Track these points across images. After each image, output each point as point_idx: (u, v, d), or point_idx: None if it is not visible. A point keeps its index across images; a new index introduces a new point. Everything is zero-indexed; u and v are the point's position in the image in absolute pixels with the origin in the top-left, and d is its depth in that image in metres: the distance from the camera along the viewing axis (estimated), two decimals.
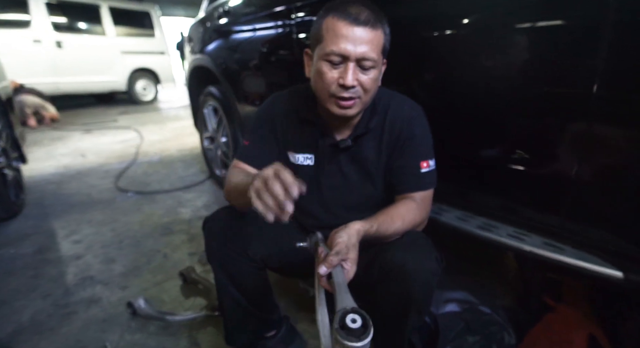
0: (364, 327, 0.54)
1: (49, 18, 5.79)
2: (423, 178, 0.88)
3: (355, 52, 0.75)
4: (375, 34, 0.76)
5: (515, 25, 0.83)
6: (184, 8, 12.30)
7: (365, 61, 0.76)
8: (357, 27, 0.74)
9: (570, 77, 0.76)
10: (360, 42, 0.75)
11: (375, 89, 0.83)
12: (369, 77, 0.79)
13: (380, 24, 0.77)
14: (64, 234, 1.96)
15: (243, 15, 1.96)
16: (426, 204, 0.89)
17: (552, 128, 0.82)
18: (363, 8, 0.76)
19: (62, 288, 1.49)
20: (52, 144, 4.03)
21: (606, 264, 0.76)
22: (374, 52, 0.76)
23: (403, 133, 0.88)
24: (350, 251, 0.69)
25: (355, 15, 0.74)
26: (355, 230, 0.73)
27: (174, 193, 2.50)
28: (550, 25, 0.77)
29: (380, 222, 0.79)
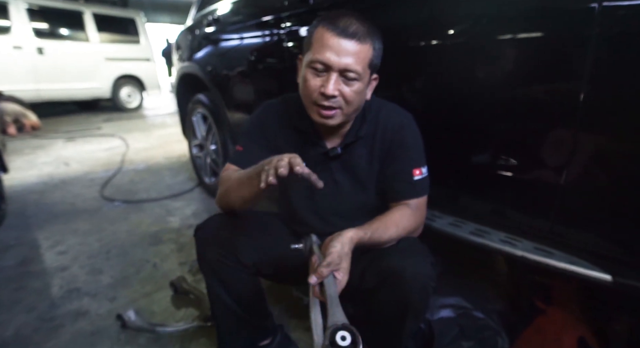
0: (353, 343, 0.54)
1: (30, 24, 5.67)
2: (416, 185, 0.89)
3: (339, 63, 0.77)
4: (362, 48, 0.77)
5: (506, 36, 0.86)
6: (169, 15, 12.25)
7: (348, 73, 0.78)
8: (343, 39, 0.76)
9: (558, 87, 0.79)
10: (345, 53, 0.77)
11: (359, 101, 0.84)
12: (352, 89, 0.80)
13: (369, 39, 0.78)
14: (48, 245, 1.90)
15: (233, 23, 1.97)
16: (421, 211, 0.90)
17: (541, 135, 0.85)
18: (354, 21, 0.77)
19: (48, 301, 1.44)
20: (34, 153, 3.93)
21: (595, 267, 0.78)
22: (358, 65, 0.78)
23: (394, 140, 0.90)
24: (342, 260, 0.71)
25: (343, 28, 0.76)
26: (349, 238, 0.74)
27: (162, 202, 2.46)
28: (540, 37, 0.80)
29: (374, 229, 0.80)
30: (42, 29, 5.86)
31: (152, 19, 10.69)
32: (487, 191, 1.02)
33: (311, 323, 0.65)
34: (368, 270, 0.83)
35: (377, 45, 0.81)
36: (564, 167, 0.80)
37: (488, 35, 0.89)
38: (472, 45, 0.93)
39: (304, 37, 0.85)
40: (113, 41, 6.70)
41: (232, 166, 0.96)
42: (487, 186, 1.01)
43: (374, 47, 0.80)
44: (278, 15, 1.58)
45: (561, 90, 0.79)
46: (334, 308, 0.61)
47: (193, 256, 1.73)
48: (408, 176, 0.89)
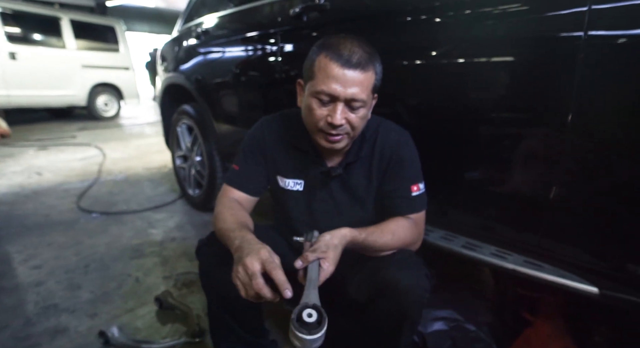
0: (318, 323, 0.58)
1: (3, 28, 5.48)
2: (414, 201, 0.91)
3: (345, 94, 0.77)
4: (366, 76, 0.78)
5: (497, 58, 0.91)
6: (149, 24, 12.13)
7: (354, 102, 0.79)
8: (348, 70, 0.76)
9: (547, 107, 0.84)
10: (351, 84, 0.77)
11: (363, 125, 0.85)
12: (358, 116, 0.81)
13: (371, 65, 0.79)
14: (20, 259, 1.81)
15: (223, 36, 1.98)
16: (419, 226, 0.91)
17: (530, 152, 0.90)
18: (356, 49, 0.77)
19: (22, 318, 1.37)
20: (3, 161, 3.74)
21: (583, 280, 0.82)
22: (363, 93, 0.78)
23: (392, 158, 0.91)
24: (329, 250, 0.73)
25: (347, 57, 0.76)
26: (342, 234, 0.77)
27: (143, 214, 2.39)
28: (529, 60, 0.86)
29: (369, 232, 0.81)
30: (15, 33, 5.67)
31: (132, 28, 10.55)
32: (477, 205, 1.06)
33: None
34: (365, 281, 0.84)
35: (378, 68, 0.82)
36: (552, 183, 0.85)
37: (479, 57, 0.94)
38: (464, 67, 0.97)
39: (305, 62, 0.85)
40: (91, 48, 6.56)
41: (230, 188, 0.96)
42: (477, 200, 1.05)
43: (375, 71, 0.81)
44: (271, 31, 1.61)
45: (550, 108, 0.84)
46: (310, 290, 0.65)
47: (177, 269, 1.69)
48: (406, 193, 0.90)
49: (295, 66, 1.55)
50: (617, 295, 0.78)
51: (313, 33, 1.45)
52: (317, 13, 1.37)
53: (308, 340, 0.57)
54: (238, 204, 0.93)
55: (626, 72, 0.71)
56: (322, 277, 0.70)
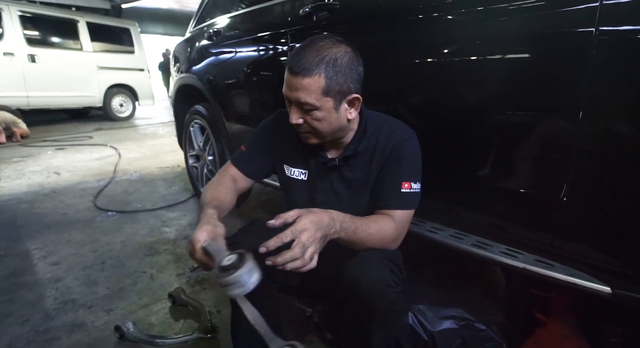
0: (234, 267, 0.64)
1: (23, 31, 5.64)
2: (402, 197, 0.90)
3: (293, 97, 0.83)
4: (310, 81, 0.80)
5: (508, 55, 0.91)
6: (164, 26, 12.30)
7: (303, 105, 0.83)
8: (293, 76, 0.81)
9: (558, 104, 0.84)
10: (295, 89, 0.82)
11: (330, 126, 0.87)
12: (313, 118, 0.85)
13: (318, 70, 0.80)
14: (40, 255, 1.87)
15: (234, 37, 2.00)
16: (403, 225, 0.89)
17: (541, 149, 0.89)
18: (306, 54, 0.81)
19: (42, 312, 1.41)
20: (23, 162, 3.86)
21: (595, 280, 0.81)
22: (309, 97, 0.81)
23: (392, 154, 0.92)
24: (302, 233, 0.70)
25: (293, 64, 0.81)
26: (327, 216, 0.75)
27: (157, 212, 2.44)
28: (541, 57, 0.85)
29: (360, 223, 0.81)
30: (34, 36, 5.83)
31: (146, 30, 10.72)
32: (487, 203, 1.05)
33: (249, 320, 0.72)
34: (336, 284, 0.84)
35: (332, 72, 0.81)
36: (563, 180, 0.84)
37: (492, 54, 0.94)
38: (475, 64, 0.97)
39: None
40: (106, 50, 6.71)
41: (231, 165, 1.06)
42: (487, 198, 1.04)
43: (327, 75, 0.80)
44: (280, 31, 1.62)
45: (561, 104, 0.83)
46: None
47: (190, 267, 1.72)
48: (396, 186, 0.90)
49: None
50: (631, 295, 0.76)
51: (323, 32, 1.46)
52: (327, 12, 1.38)
53: (229, 280, 0.62)
54: (231, 181, 1.02)
55: (639, 68, 0.70)
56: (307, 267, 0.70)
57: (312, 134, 0.89)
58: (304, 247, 0.69)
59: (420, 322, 1.00)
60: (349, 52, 0.84)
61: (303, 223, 0.71)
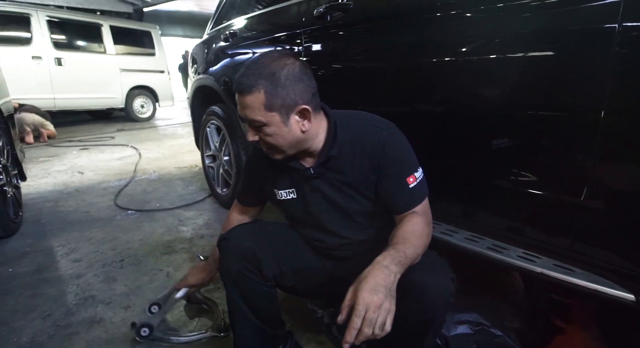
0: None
1: (50, 36, 5.86)
2: (414, 193, 0.89)
3: (243, 116, 0.85)
4: (251, 98, 0.80)
5: (528, 53, 0.88)
6: (183, 29, 12.54)
7: (253, 123, 0.84)
8: (238, 95, 0.83)
9: (578, 103, 0.81)
10: (242, 107, 0.83)
11: (284, 140, 0.85)
12: (265, 134, 0.84)
13: (256, 86, 0.79)
14: (63, 252, 1.93)
15: (250, 38, 2.02)
16: (427, 213, 0.92)
17: (562, 150, 0.86)
18: (246, 74, 0.81)
19: (63, 308, 1.46)
20: (49, 161, 4.01)
21: (618, 286, 0.77)
22: (254, 114, 0.81)
23: (380, 157, 0.89)
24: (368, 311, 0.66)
25: (236, 83, 0.82)
26: (379, 273, 0.70)
27: (174, 211, 2.49)
28: (562, 55, 0.82)
29: (405, 247, 0.77)
30: (61, 40, 6.04)
31: (166, 33, 10.96)
32: (505, 206, 1.02)
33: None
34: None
35: (270, 87, 0.80)
36: (585, 182, 0.81)
37: (511, 53, 0.91)
38: (493, 63, 0.95)
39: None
40: (129, 53, 6.90)
41: (236, 202, 1.19)
42: (505, 201, 1.02)
43: (265, 91, 0.80)
44: (295, 31, 1.62)
45: (581, 103, 0.80)
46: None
47: None
48: (404, 188, 0.89)
49: (320, 66, 1.56)
50: None
51: (337, 32, 1.45)
52: (341, 12, 1.37)
53: None
54: (238, 216, 1.17)
55: None
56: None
57: (272, 150, 0.89)
58: (371, 323, 0.66)
59: None
60: (290, 65, 0.82)
61: (360, 302, 0.66)
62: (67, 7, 7.57)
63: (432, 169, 1.18)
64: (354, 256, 1.00)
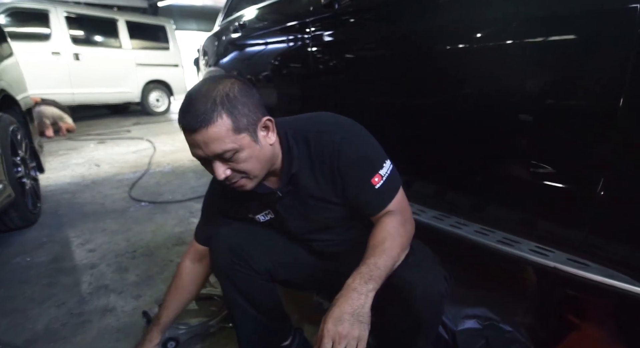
0: None
1: (68, 31, 5.97)
2: (382, 193, 0.83)
3: (208, 154, 0.74)
4: (217, 127, 0.71)
5: (540, 39, 0.83)
6: (197, 23, 12.60)
7: (223, 155, 0.74)
8: (195, 134, 0.72)
9: (596, 92, 0.76)
10: (205, 144, 0.72)
11: (259, 160, 0.79)
12: (239, 162, 0.76)
13: (217, 113, 0.71)
14: (78, 243, 1.98)
15: (258, 29, 2.00)
16: (403, 208, 0.85)
17: (577, 140, 0.82)
18: (195, 108, 0.71)
19: (77, 296, 1.50)
20: (67, 154, 4.11)
21: (635, 282, 0.74)
22: (224, 144, 0.72)
23: (337, 164, 0.82)
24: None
25: (188, 122, 0.72)
26: (345, 300, 0.67)
27: (186, 203, 2.51)
28: (575, 41, 0.77)
29: (377, 262, 0.72)
30: (78, 35, 6.15)
31: (180, 27, 11.03)
32: (517, 198, 0.98)
33: None
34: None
35: (231, 107, 0.73)
36: (600, 173, 0.76)
37: (527, 38, 0.87)
38: (512, 48, 0.90)
39: None
40: (144, 48, 6.98)
41: (194, 242, 1.05)
42: (517, 193, 0.98)
43: (230, 114, 0.72)
44: (303, 21, 1.60)
45: (600, 93, 0.75)
46: None
47: None
48: (370, 190, 0.82)
49: (329, 56, 1.54)
50: None
51: (346, 20, 1.42)
52: (349, 0, 1.34)
53: None
54: (191, 267, 1.05)
55: None
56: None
57: (247, 179, 0.80)
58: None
59: (442, 321, 0.96)
60: (233, 83, 0.76)
61: (325, 334, 0.64)
62: (84, 3, 7.68)
63: (444, 159, 1.17)
64: (343, 251, 0.98)
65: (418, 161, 1.26)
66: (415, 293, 0.72)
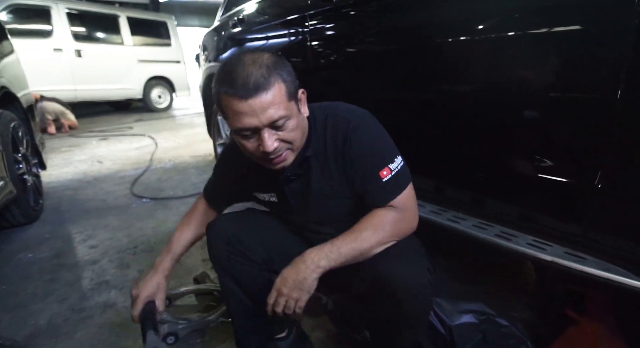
0: None
1: (70, 28, 5.97)
2: (388, 187, 0.81)
3: (262, 122, 0.71)
4: (273, 94, 0.70)
5: (542, 30, 0.82)
6: (199, 19, 12.57)
7: (276, 122, 0.73)
8: (251, 100, 0.69)
9: (593, 84, 0.75)
10: (261, 111, 0.70)
11: (301, 132, 0.80)
12: (288, 131, 0.75)
13: (273, 79, 0.71)
14: (80, 239, 1.99)
15: (257, 23, 1.99)
16: (407, 206, 0.83)
17: (574, 131, 0.81)
18: (248, 72, 0.70)
19: (78, 292, 1.51)
20: (70, 151, 4.13)
21: (633, 276, 0.73)
22: (279, 110, 0.71)
23: (348, 150, 0.82)
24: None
25: (244, 87, 0.69)
26: (294, 271, 0.79)
27: (187, 199, 2.52)
28: (575, 30, 0.76)
29: (341, 243, 0.78)
30: (80, 32, 6.15)
31: (182, 23, 11.01)
32: (515, 191, 0.98)
33: None
34: (358, 276, 0.81)
35: (285, 74, 0.74)
36: (599, 165, 0.75)
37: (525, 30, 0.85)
38: (511, 41, 0.89)
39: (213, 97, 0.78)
40: (146, 44, 6.97)
41: (203, 198, 1.11)
42: (514, 186, 0.97)
43: (283, 80, 0.73)
44: (302, 14, 1.58)
45: (597, 87, 0.74)
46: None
47: None
48: (376, 182, 0.81)
49: (327, 50, 1.52)
50: None
51: (344, 14, 1.41)
52: None
53: None
54: (203, 215, 1.09)
55: None
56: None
57: (290, 151, 0.80)
58: (280, 305, 0.80)
59: (438, 315, 0.96)
60: (272, 54, 0.76)
61: (274, 287, 0.81)
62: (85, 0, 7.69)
63: (442, 153, 1.16)
64: None
65: (417, 154, 1.24)
66: (395, 284, 0.72)
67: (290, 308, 0.79)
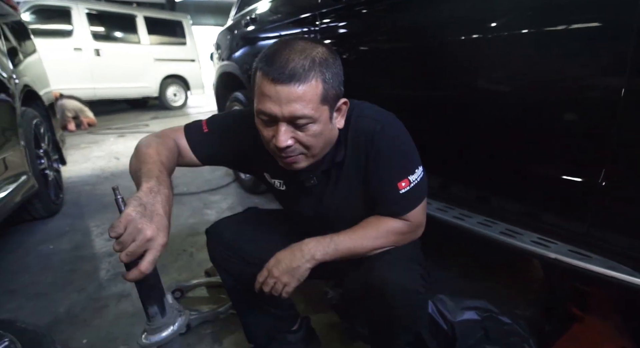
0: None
1: (89, 28, 6.12)
2: (404, 200, 0.77)
3: (283, 113, 0.65)
4: (306, 89, 0.64)
5: (547, 27, 0.83)
6: (214, 17, 12.69)
7: (298, 120, 0.66)
8: (280, 86, 0.64)
9: (597, 81, 0.75)
10: (287, 101, 0.64)
11: (325, 141, 0.72)
12: (307, 134, 0.68)
13: (313, 74, 0.65)
14: (98, 232, 2.06)
15: (269, 22, 2.02)
16: (416, 220, 0.80)
17: (578, 130, 0.81)
18: (291, 58, 0.64)
19: (96, 283, 1.57)
20: (88, 147, 4.25)
21: (636, 273, 0.73)
22: (306, 108, 0.65)
23: (368, 149, 0.76)
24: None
25: (279, 71, 0.63)
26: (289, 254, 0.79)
27: (200, 195, 2.58)
28: (581, 28, 0.76)
29: (342, 239, 0.77)
30: (99, 32, 6.30)
31: (197, 22, 11.14)
32: (519, 189, 0.98)
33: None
34: (358, 279, 0.81)
35: (328, 75, 0.67)
36: (602, 164, 0.76)
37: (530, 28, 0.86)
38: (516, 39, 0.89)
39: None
40: (162, 43, 7.09)
41: (182, 138, 0.85)
42: (519, 184, 0.97)
43: (324, 79, 0.66)
44: (313, 13, 1.60)
45: (601, 84, 0.74)
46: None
47: None
48: (393, 193, 0.76)
49: (338, 47, 1.54)
50: None
51: (355, 12, 1.42)
52: None
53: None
54: (176, 150, 0.83)
55: None
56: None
57: (304, 156, 0.73)
58: (269, 285, 0.81)
59: (440, 312, 0.97)
60: (332, 52, 0.70)
61: (266, 266, 0.81)
62: (104, 0, 7.86)
63: (448, 151, 1.16)
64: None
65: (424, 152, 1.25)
66: (388, 289, 0.72)
67: (278, 291, 0.80)
